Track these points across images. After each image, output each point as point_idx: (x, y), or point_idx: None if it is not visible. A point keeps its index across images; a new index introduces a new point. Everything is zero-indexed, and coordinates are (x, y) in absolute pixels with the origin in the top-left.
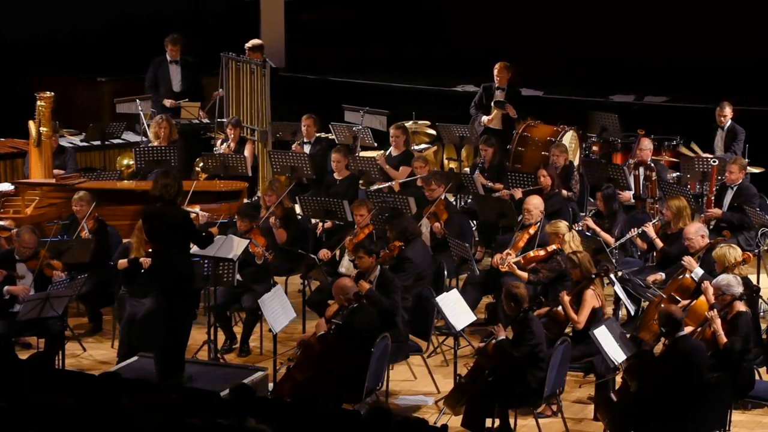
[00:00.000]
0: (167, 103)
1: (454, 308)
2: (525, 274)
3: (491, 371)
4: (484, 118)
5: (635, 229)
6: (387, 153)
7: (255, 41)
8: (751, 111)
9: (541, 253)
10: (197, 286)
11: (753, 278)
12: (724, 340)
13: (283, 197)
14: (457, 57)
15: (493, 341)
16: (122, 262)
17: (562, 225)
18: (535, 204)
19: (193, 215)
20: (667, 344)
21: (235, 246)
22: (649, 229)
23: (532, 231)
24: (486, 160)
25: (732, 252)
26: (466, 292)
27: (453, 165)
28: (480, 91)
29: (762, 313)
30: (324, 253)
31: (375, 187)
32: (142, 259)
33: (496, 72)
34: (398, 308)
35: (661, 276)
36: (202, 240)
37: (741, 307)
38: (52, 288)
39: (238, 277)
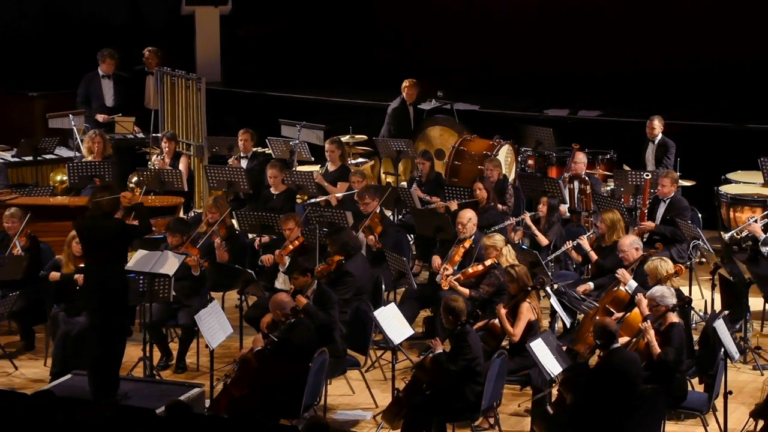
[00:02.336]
0: (100, 118)
1: (392, 322)
2: (467, 291)
3: (429, 385)
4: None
5: (570, 242)
6: (324, 168)
7: (150, 48)
8: (682, 125)
9: (480, 267)
10: (132, 302)
11: (685, 290)
12: (658, 350)
13: (225, 215)
14: (393, 71)
15: (431, 355)
16: (54, 275)
17: (499, 238)
18: (469, 217)
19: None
20: (601, 356)
21: (170, 262)
22: (584, 241)
23: (467, 245)
24: (423, 174)
25: (664, 265)
26: (404, 305)
27: (390, 179)
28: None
29: (694, 325)
30: (266, 258)
31: (312, 201)
32: (76, 276)
33: (407, 88)
34: (336, 323)
35: (590, 286)
36: (140, 231)
37: (674, 318)
38: None
39: (173, 292)
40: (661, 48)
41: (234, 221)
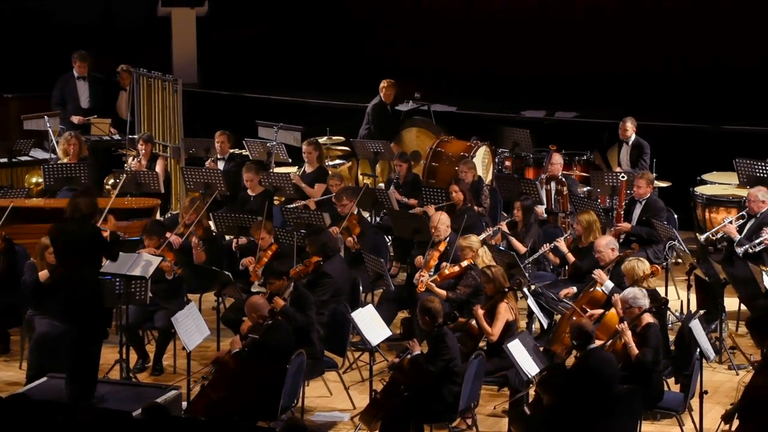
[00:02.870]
0: (75, 120)
1: (370, 324)
2: (444, 292)
3: (407, 386)
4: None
5: (548, 243)
6: (302, 170)
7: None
8: (658, 126)
9: (456, 269)
10: (109, 304)
11: (661, 290)
12: (636, 351)
13: (201, 215)
14: (371, 73)
15: (409, 356)
16: (44, 274)
17: (475, 239)
18: (442, 220)
19: (105, 234)
20: (578, 357)
21: (147, 264)
22: (561, 243)
23: (441, 248)
24: (401, 175)
25: (641, 265)
26: (382, 307)
27: (368, 181)
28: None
29: (670, 325)
30: (248, 261)
31: (292, 205)
32: (42, 276)
33: (385, 88)
34: (313, 324)
35: (573, 290)
36: (114, 254)
37: (649, 319)
38: None
39: (149, 294)
40: (638, 50)
41: (211, 222)
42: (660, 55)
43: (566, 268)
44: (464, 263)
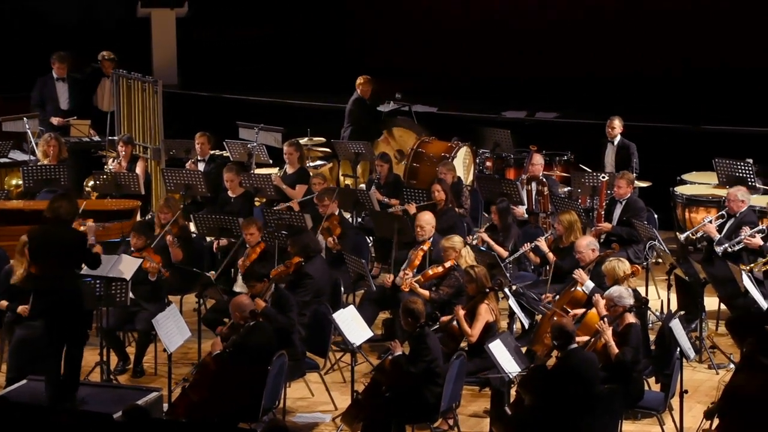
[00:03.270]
0: (55, 121)
1: (351, 324)
2: (426, 293)
3: (388, 387)
4: None
5: (528, 243)
6: (283, 171)
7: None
8: (638, 126)
9: (439, 269)
10: (88, 306)
11: (641, 290)
12: (616, 351)
13: (178, 215)
14: (351, 74)
15: (390, 357)
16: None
17: (458, 240)
18: (427, 220)
19: (82, 228)
20: (559, 357)
21: (127, 265)
22: (542, 243)
23: (425, 247)
24: (381, 176)
25: (621, 265)
26: (363, 308)
27: (349, 181)
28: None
29: (651, 325)
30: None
31: (277, 207)
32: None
33: (362, 84)
34: (294, 325)
35: (551, 296)
36: (94, 260)
37: (631, 318)
38: None
39: (130, 295)
40: (617, 50)
41: (190, 223)
42: (639, 56)
43: (548, 267)
44: (447, 264)
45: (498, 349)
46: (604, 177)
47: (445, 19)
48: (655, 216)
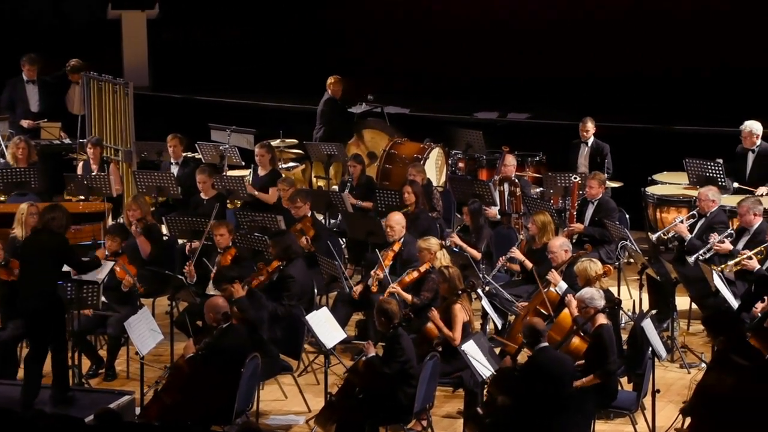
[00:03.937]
0: (25, 123)
1: (324, 326)
2: (409, 297)
3: (362, 389)
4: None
5: (503, 258)
6: (253, 172)
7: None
8: (608, 127)
9: (415, 274)
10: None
11: (614, 290)
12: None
13: (146, 213)
14: (323, 75)
15: (364, 358)
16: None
17: (435, 242)
18: (397, 220)
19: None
20: (529, 356)
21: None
22: (516, 252)
23: (396, 248)
24: (354, 177)
25: (593, 266)
26: (337, 309)
27: (321, 183)
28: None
29: (623, 325)
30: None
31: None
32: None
33: (332, 84)
34: (264, 323)
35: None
36: (85, 266)
37: (603, 319)
38: None
39: (102, 299)
40: (589, 51)
41: (163, 226)
42: (611, 57)
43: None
44: (423, 268)
45: (472, 349)
46: (575, 178)
47: (417, 20)
48: (627, 216)
